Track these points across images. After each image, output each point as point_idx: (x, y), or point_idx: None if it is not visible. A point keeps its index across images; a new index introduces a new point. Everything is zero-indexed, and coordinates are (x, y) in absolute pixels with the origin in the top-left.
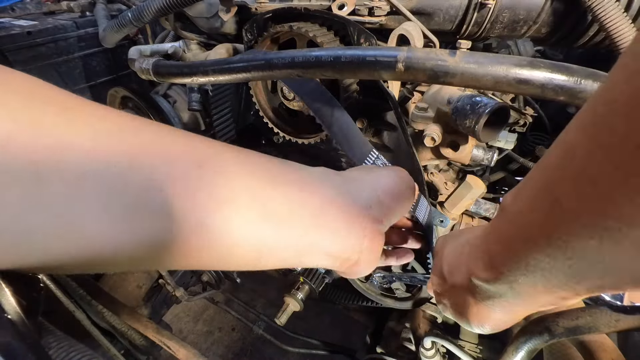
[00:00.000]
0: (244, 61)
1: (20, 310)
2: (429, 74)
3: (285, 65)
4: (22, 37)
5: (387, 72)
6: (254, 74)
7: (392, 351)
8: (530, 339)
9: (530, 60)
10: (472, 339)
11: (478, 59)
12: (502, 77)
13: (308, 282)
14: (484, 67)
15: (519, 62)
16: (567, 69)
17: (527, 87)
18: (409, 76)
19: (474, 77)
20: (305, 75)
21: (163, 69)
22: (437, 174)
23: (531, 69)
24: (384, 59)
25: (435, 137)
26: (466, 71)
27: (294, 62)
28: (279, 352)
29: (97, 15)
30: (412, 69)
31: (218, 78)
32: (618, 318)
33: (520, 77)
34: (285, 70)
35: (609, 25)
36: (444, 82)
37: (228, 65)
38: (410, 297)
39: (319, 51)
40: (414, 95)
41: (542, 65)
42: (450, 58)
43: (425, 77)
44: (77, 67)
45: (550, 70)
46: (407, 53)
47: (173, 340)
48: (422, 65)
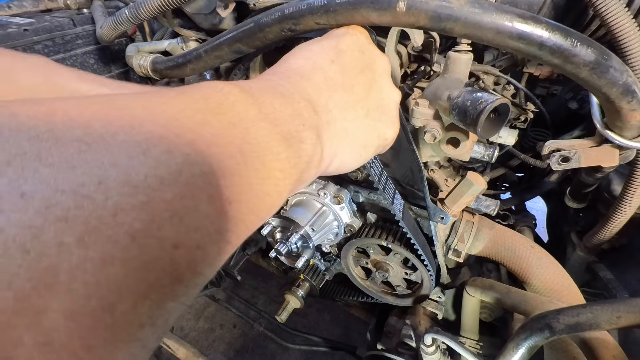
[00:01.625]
0: (233, 30)
1: None
2: (432, 15)
3: (275, 20)
4: (19, 34)
5: (386, 12)
6: (245, 41)
7: (392, 348)
8: (530, 335)
9: (532, 15)
10: (473, 335)
11: (483, 5)
12: (505, 27)
13: (308, 279)
14: (489, 14)
15: (522, 14)
16: (566, 30)
17: (526, 43)
18: (409, 18)
19: (476, 25)
20: (298, 27)
21: (159, 64)
22: (438, 170)
23: (534, 23)
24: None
25: (435, 133)
26: (470, 16)
27: (284, 14)
28: (280, 348)
29: (95, 13)
30: (414, 9)
31: (211, 57)
32: (619, 315)
33: (523, 30)
34: (276, 26)
35: (610, 21)
36: (446, 28)
37: (218, 41)
38: (410, 293)
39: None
40: (414, 92)
41: (544, 21)
42: (455, 0)
43: (427, 20)
44: (75, 64)
45: (551, 27)
46: None
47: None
48: (425, 5)
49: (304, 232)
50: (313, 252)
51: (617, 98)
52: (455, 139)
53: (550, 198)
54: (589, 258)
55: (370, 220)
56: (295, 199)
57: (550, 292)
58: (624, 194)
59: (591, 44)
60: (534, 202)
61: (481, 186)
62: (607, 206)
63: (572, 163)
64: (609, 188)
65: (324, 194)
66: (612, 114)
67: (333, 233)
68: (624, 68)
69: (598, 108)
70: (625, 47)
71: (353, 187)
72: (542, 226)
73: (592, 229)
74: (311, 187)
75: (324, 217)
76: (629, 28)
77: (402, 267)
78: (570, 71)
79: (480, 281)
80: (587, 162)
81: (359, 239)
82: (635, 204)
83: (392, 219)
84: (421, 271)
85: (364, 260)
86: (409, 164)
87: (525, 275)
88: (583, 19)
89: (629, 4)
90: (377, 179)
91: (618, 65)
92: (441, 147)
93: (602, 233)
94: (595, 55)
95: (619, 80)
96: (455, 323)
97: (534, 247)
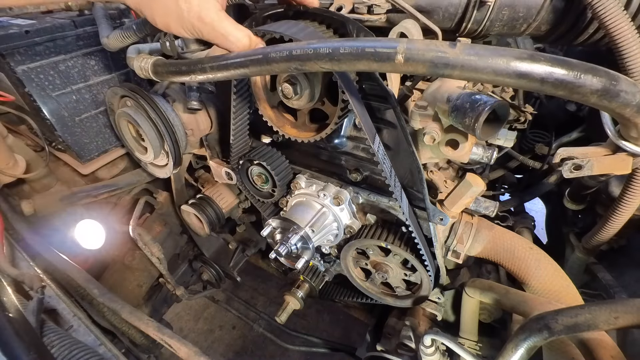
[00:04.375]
0: (242, 56)
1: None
2: (429, 65)
3: (283, 58)
4: (20, 36)
5: (386, 63)
6: (252, 69)
7: (392, 349)
8: (529, 336)
9: (530, 54)
10: (472, 336)
11: (479, 51)
12: (503, 69)
13: (308, 280)
14: (485, 60)
15: (519, 54)
16: (567, 63)
17: (527, 81)
18: (408, 68)
19: (474, 70)
20: (303, 68)
21: (161, 67)
22: (437, 172)
23: (531, 62)
24: (383, 50)
25: (434, 135)
26: (466, 63)
27: (292, 55)
28: (279, 350)
29: (96, 15)
30: (412, 61)
31: (216, 75)
32: (617, 315)
33: (521, 70)
34: (283, 64)
35: (608, 23)
36: (444, 74)
37: (226, 62)
38: (410, 294)
39: (317, 43)
40: (414, 94)
41: (542, 58)
42: (450, 50)
43: (425, 69)
44: (76, 66)
45: (550, 63)
46: (407, 44)
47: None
48: (422, 56)
49: (304, 233)
50: (313, 253)
51: (632, 116)
52: (454, 141)
53: (549, 199)
54: (587, 259)
55: (370, 222)
56: (295, 200)
57: (549, 293)
58: (622, 196)
59: (596, 73)
60: (533, 203)
61: (480, 187)
62: (606, 208)
63: (585, 171)
64: (607, 190)
65: (324, 195)
66: (627, 126)
67: (333, 234)
68: (636, 89)
69: (610, 118)
70: (623, 49)
71: (353, 188)
72: (541, 227)
73: (591, 231)
74: (311, 189)
75: (324, 219)
76: (627, 30)
77: (401, 268)
78: (578, 99)
79: (480, 282)
80: (600, 170)
81: (359, 240)
82: (634, 205)
83: (391, 220)
84: (420, 272)
85: (363, 262)
86: (408, 166)
87: (524, 276)
88: (581, 22)
89: (626, 6)
90: (388, 175)
91: (629, 88)
92: (440, 148)
93: (601, 234)
94: (602, 83)
95: (632, 102)
96: (454, 324)
97: (533, 249)
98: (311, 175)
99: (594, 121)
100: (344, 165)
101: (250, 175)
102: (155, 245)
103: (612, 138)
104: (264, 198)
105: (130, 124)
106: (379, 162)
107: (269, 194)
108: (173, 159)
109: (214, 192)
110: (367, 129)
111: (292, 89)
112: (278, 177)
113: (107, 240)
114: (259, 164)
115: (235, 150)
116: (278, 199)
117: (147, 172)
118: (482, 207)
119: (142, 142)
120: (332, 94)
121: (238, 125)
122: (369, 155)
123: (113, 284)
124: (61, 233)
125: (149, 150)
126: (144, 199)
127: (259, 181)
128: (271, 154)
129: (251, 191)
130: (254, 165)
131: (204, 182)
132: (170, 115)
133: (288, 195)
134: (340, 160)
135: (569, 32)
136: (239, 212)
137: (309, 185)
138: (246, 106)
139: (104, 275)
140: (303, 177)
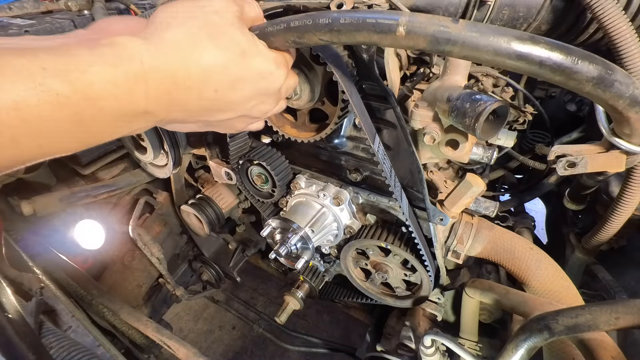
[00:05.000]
0: None
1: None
2: (430, 39)
3: (280, 31)
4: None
5: (387, 35)
6: None
7: (392, 349)
8: (530, 337)
9: (531, 35)
10: (472, 337)
11: (481, 28)
12: (504, 49)
13: (308, 280)
14: (486, 37)
15: (520, 35)
16: (566, 48)
17: (526, 63)
18: (409, 41)
19: (474, 47)
20: (302, 40)
21: None
22: (437, 172)
23: (532, 44)
24: (384, 22)
25: (435, 135)
26: (467, 40)
27: (290, 26)
28: (279, 350)
29: (96, 14)
30: (413, 34)
31: None
32: (617, 316)
33: (521, 51)
34: (281, 36)
35: (607, 24)
36: (445, 50)
37: None
38: (410, 295)
39: (316, 14)
40: (414, 94)
41: (542, 41)
42: (452, 25)
43: (425, 44)
44: None
45: (550, 47)
46: (409, 17)
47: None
48: (423, 30)
49: (304, 234)
50: (312, 254)
51: (624, 109)
52: (454, 141)
53: (549, 200)
54: (587, 259)
55: (370, 222)
56: (295, 200)
57: (549, 294)
58: (622, 196)
59: (593, 60)
60: (533, 203)
61: (480, 188)
62: (606, 208)
63: (579, 168)
64: (607, 190)
65: (324, 196)
66: (620, 122)
67: (332, 234)
68: (629, 80)
69: (604, 115)
70: (622, 50)
71: (353, 188)
72: (541, 228)
73: (591, 231)
74: (311, 189)
75: (324, 219)
76: (626, 31)
77: (401, 268)
78: (574, 87)
79: (480, 282)
80: (594, 167)
81: (359, 240)
82: (634, 205)
83: (391, 220)
84: (420, 272)
85: (363, 262)
86: (408, 166)
87: (525, 276)
88: (581, 22)
89: (626, 7)
90: (388, 175)
91: (623, 79)
92: (440, 148)
93: (601, 234)
94: (598, 70)
95: (625, 93)
96: (454, 324)
97: (533, 249)
98: (311, 176)
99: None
100: (344, 165)
101: (250, 175)
102: (155, 246)
103: (605, 135)
104: (264, 198)
105: None
106: (379, 162)
107: (268, 194)
108: (173, 159)
109: (213, 192)
110: (367, 129)
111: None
112: (278, 177)
113: (106, 241)
114: (258, 164)
115: (233, 150)
116: (278, 199)
117: (146, 172)
118: (482, 207)
119: (142, 142)
120: (332, 94)
121: None
122: (369, 156)
123: (112, 285)
124: (61, 233)
125: (148, 150)
126: (143, 199)
127: (258, 181)
128: (271, 154)
129: (251, 191)
130: (253, 166)
131: (203, 182)
132: None
133: (288, 196)
134: (340, 161)
135: (569, 32)
136: (239, 212)
137: (308, 186)
138: None
139: (103, 275)
140: (303, 177)
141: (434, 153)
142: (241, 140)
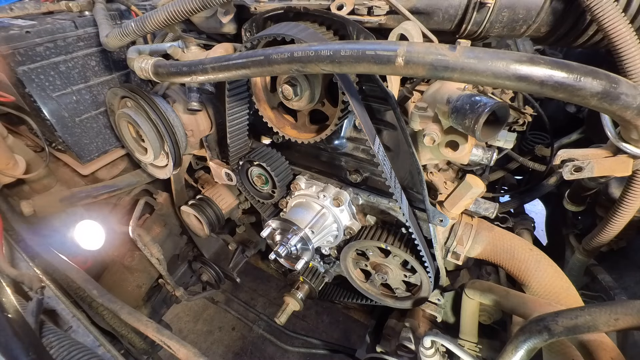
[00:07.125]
0: (243, 57)
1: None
2: (429, 68)
3: (284, 60)
4: (21, 36)
5: (386, 66)
6: (253, 70)
7: (392, 350)
8: (529, 338)
9: (530, 56)
10: (472, 338)
11: (478, 54)
12: (502, 72)
13: (308, 281)
14: (484, 62)
15: (519, 57)
16: (567, 66)
17: (526, 84)
18: (408, 71)
19: (474, 72)
20: (304, 70)
21: (162, 68)
22: (437, 173)
23: (531, 65)
24: (383, 53)
25: (434, 136)
26: (466, 66)
27: (293, 56)
28: (279, 351)
29: (97, 15)
30: (412, 63)
31: (217, 76)
32: (617, 317)
33: (520, 73)
34: (284, 65)
35: (607, 26)
36: (444, 77)
37: (227, 62)
38: (410, 296)
39: (318, 45)
40: (414, 95)
41: (542, 61)
42: (450, 53)
43: (424, 72)
44: (76, 66)
45: (550, 66)
46: (407, 47)
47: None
48: (422, 59)
49: (304, 234)
50: (312, 255)
51: (632, 118)
52: (454, 142)
53: (549, 201)
54: (587, 261)
55: (370, 223)
56: (295, 201)
57: (549, 295)
58: (623, 198)
59: (597, 75)
60: (533, 204)
61: (480, 189)
62: (606, 209)
63: (585, 172)
64: (607, 191)
65: (324, 196)
66: (628, 129)
67: (332, 235)
68: (636, 92)
69: (610, 120)
70: (622, 51)
71: (353, 189)
72: (541, 229)
73: (591, 232)
74: (311, 190)
75: (324, 220)
76: (626, 32)
77: (401, 269)
78: (579, 102)
79: (480, 284)
80: (600, 171)
81: (358, 241)
82: (634, 207)
83: (391, 221)
84: (420, 273)
85: (363, 263)
86: (408, 167)
87: (524, 277)
88: (580, 24)
89: (625, 8)
90: (388, 176)
91: (629, 90)
92: (440, 150)
93: (601, 236)
94: (602, 85)
95: (632, 104)
96: (454, 325)
97: (533, 250)
98: (311, 177)
99: (593, 122)
100: (344, 166)
101: (250, 176)
102: (154, 246)
103: (612, 140)
104: (264, 199)
105: (130, 124)
106: (379, 164)
107: (268, 195)
108: (173, 160)
109: (213, 193)
110: (367, 130)
111: (292, 90)
112: (278, 178)
113: (106, 241)
114: (258, 165)
115: (233, 151)
116: (278, 200)
117: (147, 173)
118: (482, 208)
119: (142, 143)
120: (332, 95)
121: (234, 126)
122: (369, 157)
123: (112, 285)
124: (61, 234)
125: (149, 151)
126: (143, 200)
127: (258, 182)
128: (271, 155)
129: (251, 192)
130: (253, 166)
131: (203, 183)
132: (170, 116)
133: (288, 196)
134: (340, 162)
135: (568, 33)
136: (239, 213)
137: (308, 187)
138: (242, 107)
139: (103, 275)
140: (303, 178)
141: (433, 154)
142: (241, 141)
